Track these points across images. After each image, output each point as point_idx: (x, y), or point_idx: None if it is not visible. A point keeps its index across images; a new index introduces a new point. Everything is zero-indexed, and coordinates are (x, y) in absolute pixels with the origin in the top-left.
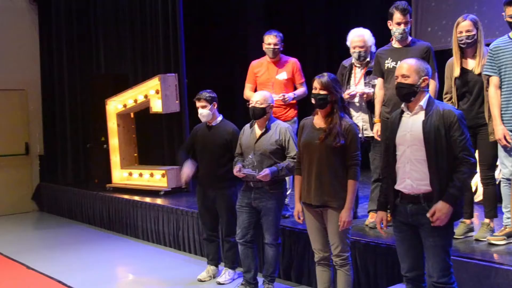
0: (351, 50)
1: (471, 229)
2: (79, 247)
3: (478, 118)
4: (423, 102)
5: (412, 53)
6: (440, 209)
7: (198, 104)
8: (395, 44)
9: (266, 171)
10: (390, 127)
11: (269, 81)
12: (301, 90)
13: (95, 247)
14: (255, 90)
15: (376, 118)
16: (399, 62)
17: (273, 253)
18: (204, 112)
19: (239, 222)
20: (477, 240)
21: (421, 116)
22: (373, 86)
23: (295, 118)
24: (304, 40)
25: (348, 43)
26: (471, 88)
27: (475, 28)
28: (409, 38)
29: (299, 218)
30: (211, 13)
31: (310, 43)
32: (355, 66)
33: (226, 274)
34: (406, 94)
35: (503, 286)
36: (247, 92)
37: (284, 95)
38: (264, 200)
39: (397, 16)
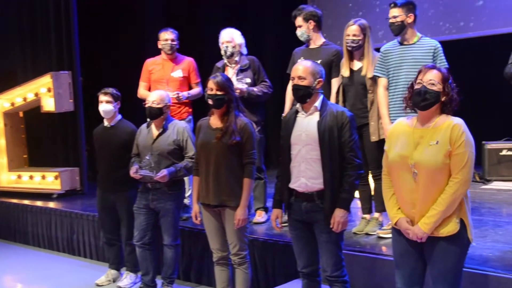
0: (221, 47)
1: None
2: None
3: (361, 118)
4: (317, 103)
5: (321, 54)
6: (337, 215)
7: (103, 98)
8: (311, 44)
9: (164, 172)
10: (285, 127)
11: (164, 78)
12: (196, 90)
13: None
14: (150, 89)
15: (285, 115)
16: None
17: (172, 255)
18: (108, 107)
19: (137, 224)
20: (367, 234)
21: (316, 116)
22: (246, 83)
23: (190, 117)
24: (201, 43)
25: (220, 44)
26: (356, 89)
27: (362, 34)
28: (322, 40)
29: (196, 219)
30: (110, 11)
31: (207, 46)
32: (227, 65)
33: (127, 278)
34: (302, 95)
35: (391, 276)
36: (141, 91)
37: (178, 93)
38: (163, 201)
39: (298, 20)
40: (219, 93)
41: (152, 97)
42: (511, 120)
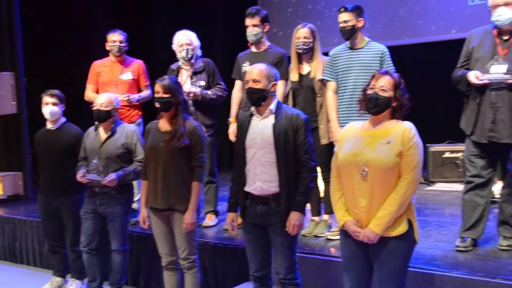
0: (178, 49)
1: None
2: None
3: (311, 121)
4: (272, 106)
5: (266, 58)
6: (293, 218)
7: (49, 100)
8: (253, 48)
9: (112, 176)
10: (239, 130)
11: (112, 80)
12: (146, 92)
13: None
14: (97, 91)
15: (232, 119)
16: None
17: (120, 260)
18: (54, 109)
19: (84, 229)
20: (316, 236)
21: (271, 119)
22: (200, 86)
23: (140, 120)
24: (150, 45)
25: (174, 45)
26: (305, 93)
27: (312, 36)
28: (267, 44)
29: (144, 224)
30: (55, 10)
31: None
32: (182, 68)
33: (73, 285)
34: (257, 99)
35: (340, 278)
36: (89, 93)
37: (129, 96)
38: (111, 205)
39: (246, 20)
40: (165, 96)
41: (100, 99)
42: (453, 123)
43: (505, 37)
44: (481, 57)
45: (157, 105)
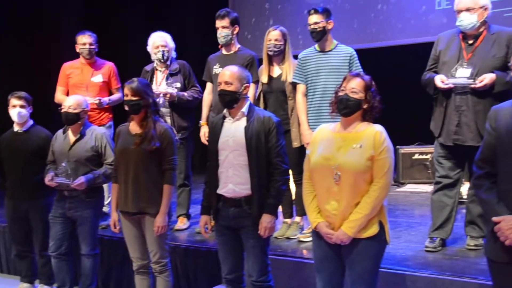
0: (154, 51)
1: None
2: None
3: (283, 124)
4: (244, 108)
5: (237, 60)
6: (264, 221)
7: (16, 102)
8: (223, 50)
9: (81, 179)
10: (212, 133)
11: (83, 83)
12: (117, 95)
13: None
14: (68, 94)
15: (203, 121)
16: None
17: (90, 264)
18: (22, 112)
19: (52, 233)
20: (288, 238)
21: (243, 122)
22: (176, 88)
23: (110, 123)
24: (122, 47)
25: (149, 47)
26: (276, 96)
27: (283, 39)
28: (237, 46)
29: (115, 228)
30: (21, 12)
31: (129, 50)
32: (157, 69)
33: None
34: (229, 101)
35: (312, 279)
36: (59, 96)
37: (100, 99)
38: (80, 209)
39: (216, 22)
40: (134, 98)
41: (69, 102)
42: (423, 125)
43: (470, 41)
44: (448, 60)
45: (126, 108)
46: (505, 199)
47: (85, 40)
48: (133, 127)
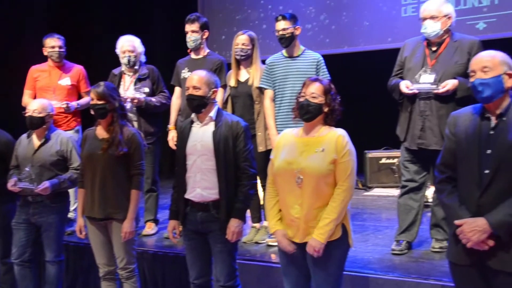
0: (121, 56)
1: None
2: None
3: (250, 129)
4: (213, 113)
5: (206, 64)
6: (232, 225)
7: None
8: (192, 55)
9: (45, 184)
10: (180, 137)
11: (50, 86)
12: (85, 99)
13: None
14: (36, 97)
15: (171, 126)
16: None
17: (55, 271)
18: None
19: (15, 240)
20: (257, 242)
21: (211, 126)
22: (144, 93)
23: (78, 127)
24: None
25: (117, 50)
26: (244, 100)
27: (251, 44)
28: (206, 50)
29: (81, 233)
30: None
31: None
32: (124, 73)
33: None
34: (197, 105)
35: (280, 283)
36: (26, 99)
37: (67, 103)
38: (44, 214)
39: (186, 26)
40: (99, 103)
41: (33, 105)
42: (390, 130)
43: (434, 48)
44: (412, 67)
45: (92, 112)
46: (466, 203)
47: (53, 43)
48: (100, 131)
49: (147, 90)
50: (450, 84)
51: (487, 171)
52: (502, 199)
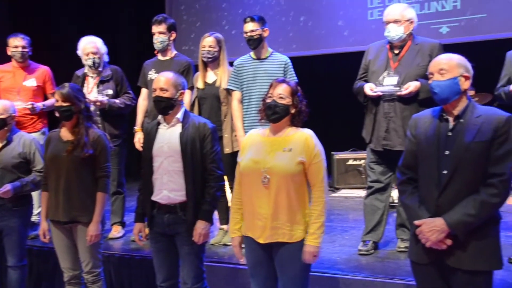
0: (84, 58)
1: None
2: None
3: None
4: (180, 114)
5: (173, 66)
6: (199, 227)
7: None
8: (159, 56)
9: (7, 187)
10: (147, 139)
11: (15, 87)
12: (51, 100)
13: None
14: None
15: (138, 127)
16: None
17: (18, 276)
18: None
19: None
20: (225, 244)
21: (178, 128)
22: (107, 95)
23: (44, 129)
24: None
25: (79, 52)
26: (211, 102)
27: (217, 46)
28: (173, 52)
29: (44, 237)
30: None
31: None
32: (88, 75)
33: None
34: (164, 107)
35: (248, 285)
36: None
37: (33, 104)
38: (6, 218)
39: (153, 27)
40: (64, 104)
41: None
42: (356, 132)
43: (396, 51)
44: (376, 70)
45: (57, 114)
46: (425, 203)
47: (17, 43)
48: (65, 133)
49: (110, 92)
50: (412, 86)
51: (445, 172)
52: (459, 199)
